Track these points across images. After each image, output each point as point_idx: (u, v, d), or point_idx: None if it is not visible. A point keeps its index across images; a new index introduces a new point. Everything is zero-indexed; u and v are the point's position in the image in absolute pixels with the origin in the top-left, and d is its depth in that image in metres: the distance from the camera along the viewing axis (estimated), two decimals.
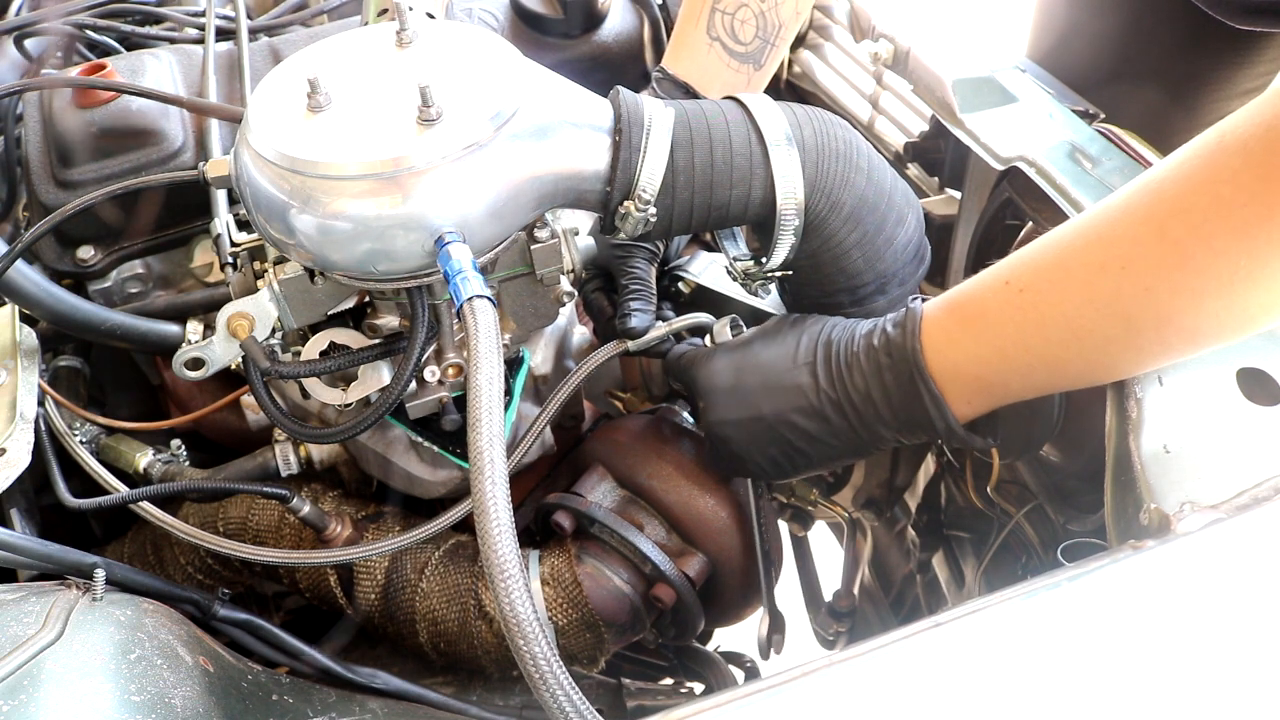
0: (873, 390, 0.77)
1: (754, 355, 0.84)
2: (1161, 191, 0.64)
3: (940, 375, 0.75)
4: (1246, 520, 0.68)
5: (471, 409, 0.61)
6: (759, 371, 0.83)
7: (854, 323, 0.82)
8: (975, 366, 0.74)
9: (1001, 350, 0.73)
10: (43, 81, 1.10)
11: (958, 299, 0.76)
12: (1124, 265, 0.65)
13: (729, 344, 0.88)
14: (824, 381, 0.80)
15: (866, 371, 0.78)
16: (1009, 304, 0.71)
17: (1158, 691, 0.59)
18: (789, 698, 0.59)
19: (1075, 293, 0.68)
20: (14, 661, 0.59)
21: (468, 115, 0.73)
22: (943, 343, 0.75)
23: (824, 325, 0.83)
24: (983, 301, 0.74)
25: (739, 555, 0.97)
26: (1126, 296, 0.66)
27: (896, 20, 1.17)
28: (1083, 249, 0.68)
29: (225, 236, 0.90)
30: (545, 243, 0.83)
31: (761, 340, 0.85)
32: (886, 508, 1.22)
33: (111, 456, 1.01)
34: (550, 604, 0.93)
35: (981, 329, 0.73)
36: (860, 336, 0.80)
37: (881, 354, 0.77)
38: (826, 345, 0.81)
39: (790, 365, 0.81)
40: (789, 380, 0.81)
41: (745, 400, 0.83)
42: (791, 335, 0.84)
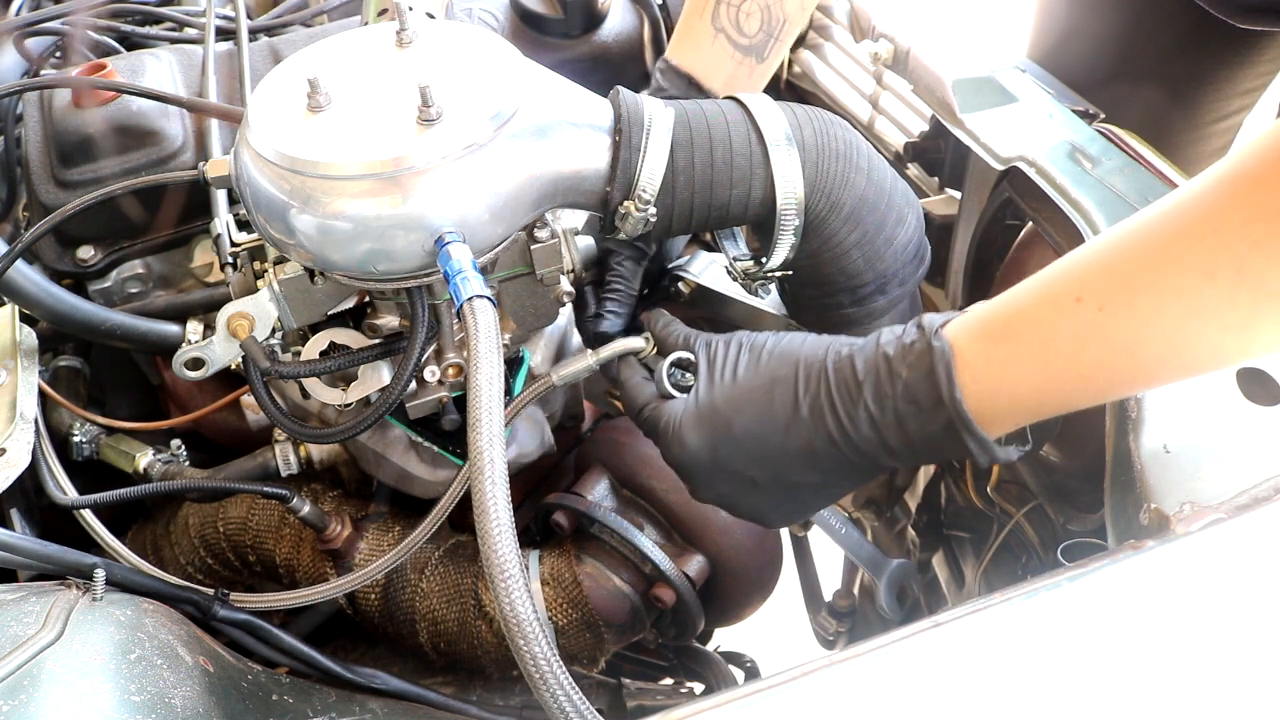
0: (889, 439, 0.69)
1: (728, 423, 0.73)
2: (1267, 182, 0.57)
3: (977, 408, 0.66)
4: (1246, 520, 0.68)
5: (471, 409, 0.61)
6: (736, 443, 0.73)
7: (846, 363, 0.71)
8: (1021, 388, 0.66)
9: (1066, 374, 0.65)
10: (43, 81, 1.10)
11: (1000, 320, 0.67)
12: (1240, 267, 0.57)
13: (695, 409, 0.75)
14: (823, 444, 0.70)
15: (882, 424, 0.68)
16: (1085, 325, 0.62)
17: (1158, 691, 0.59)
18: (789, 698, 0.59)
19: (1178, 303, 0.60)
20: (14, 661, 0.59)
21: (468, 115, 0.73)
22: (981, 371, 0.66)
23: (806, 374, 0.72)
24: (1043, 324, 0.65)
25: (738, 555, 0.97)
26: (1244, 302, 0.58)
27: (896, 20, 1.17)
28: (1181, 253, 0.59)
29: (225, 236, 0.90)
30: (545, 243, 0.83)
31: (731, 404, 0.73)
32: (886, 508, 1.22)
33: (111, 456, 1.01)
34: (550, 604, 0.93)
35: (1042, 354, 0.65)
36: (867, 384, 0.69)
37: (902, 402, 0.67)
38: (816, 400, 0.70)
39: (774, 429, 0.72)
40: (775, 446, 0.72)
41: (731, 473, 0.74)
42: (766, 390, 0.73)
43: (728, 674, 1.15)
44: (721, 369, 0.75)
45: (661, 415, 0.77)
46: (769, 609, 1.06)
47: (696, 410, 0.75)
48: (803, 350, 0.73)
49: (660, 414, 0.77)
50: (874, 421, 0.68)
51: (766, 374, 0.73)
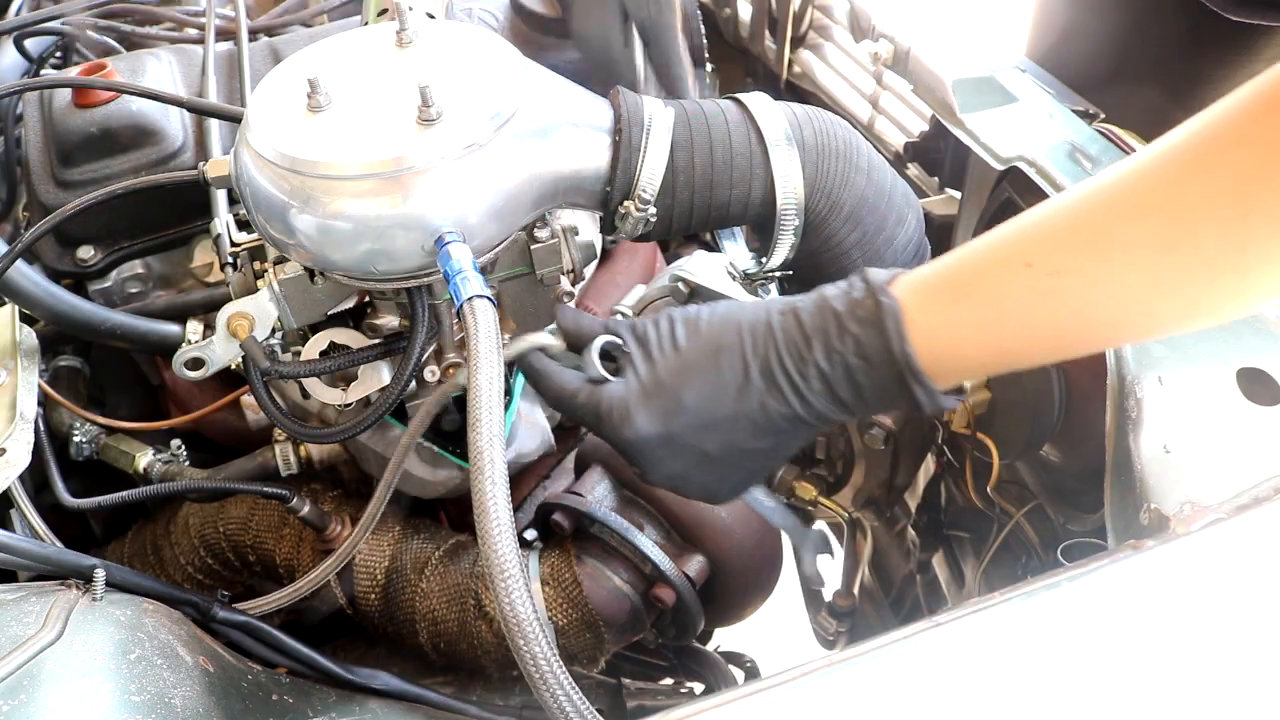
0: (840, 393, 0.69)
1: (677, 396, 0.71)
2: (1235, 157, 0.58)
3: (925, 363, 0.67)
4: (1246, 520, 0.68)
5: (471, 409, 0.61)
6: (690, 414, 0.71)
7: (792, 321, 0.70)
8: (969, 347, 0.68)
9: (1013, 336, 0.66)
10: (43, 81, 1.10)
11: (950, 280, 0.68)
12: (1196, 244, 0.58)
13: (639, 387, 0.73)
14: (776, 408, 0.70)
15: (833, 378, 0.69)
16: (1035, 290, 0.64)
17: (1158, 691, 0.59)
18: (789, 698, 0.59)
19: (1129, 274, 0.61)
20: (14, 661, 0.59)
21: (468, 115, 0.73)
22: (929, 328, 0.67)
23: (752, 336, 0.71)
24: (993, 287, 0.66)
25: (738, 555, 0.97)
26: (1198, 277, 0.59)
27: (896, 20, 1.17)
28: (1140, 227, 0.60)
29: (225, 236, 0.90)
30: (545, 243, 0.83)
31: (677, 376, 0.72)
32: (886, 508, 1.22)
33: (111, 456, 1.01)
34: (550, 604, 0.93)
35: (991, 317, 0.66)
36: (816, 341, 0.69)
37: (853, 357, 0.68)
38: (766, 361, 0.70)
39: (726, 396, 0.71)
40: (728, 412, 0.71)
41: (685, 448, 0.72)
42: (711, 358, 0.71)
43: (728, 674, 1.15)
44: (659, 345, 0.74)
45: (601, 399, 0.73)
46: (769, 609, 1.06)
47: (642, 388, 0.72)
48: (743, 314, 0.73)
49: (599, 398, 0.73)
50: (825, 376, 0.69)
51: (710, 342, 0.72)
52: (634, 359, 0.74)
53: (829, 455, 1.16)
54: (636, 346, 0.75)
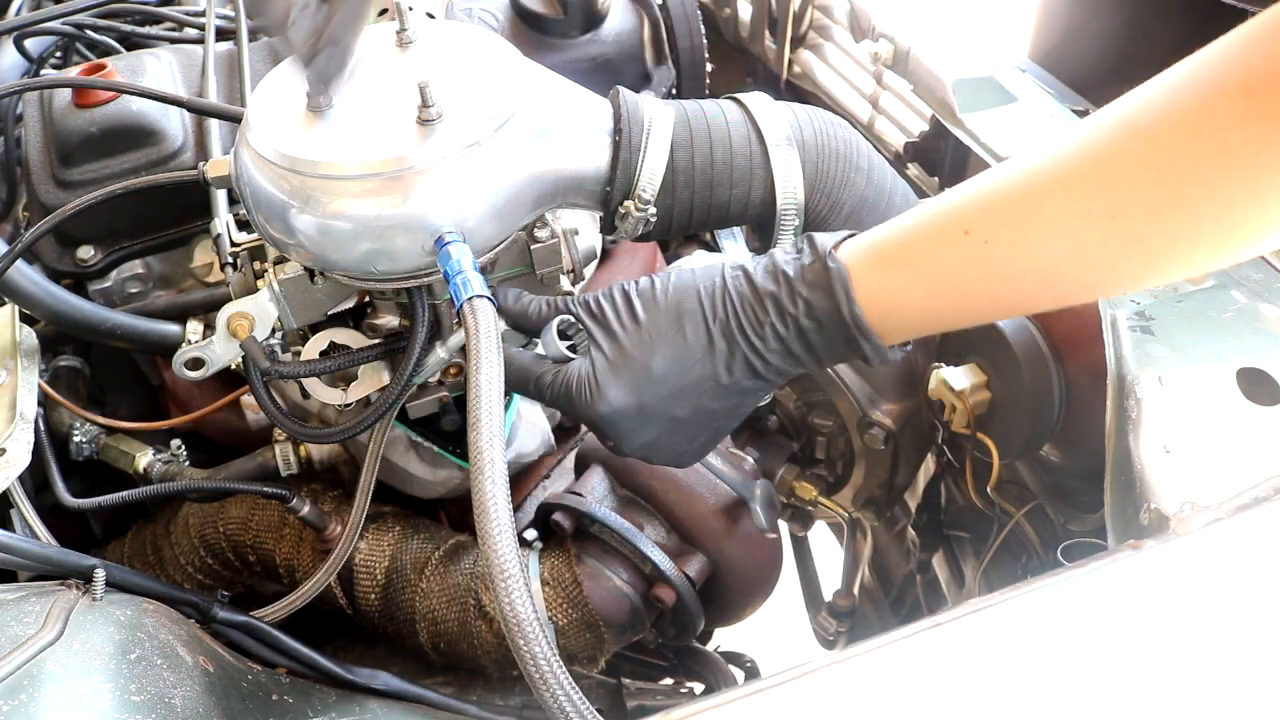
0: (795, 349, 0.73)
1: (645, 365, 0.74)
2: (1154, 136, 0.61)
3: (872, 323, 0.71)
4: (1246, 520, 0.68)
5: (471, 409, 0.61)
6: (660, 382, 0.74)
7: (746, 285, 0.74)
8: (911, 308, 0.71)
9: (952, 299, 0.70)
10: (43, 81, 1.10)
11: (892, 247, 0.71)
12: (1114, 214, 0.62)
13: (605, 362, 0.74)
14: (739, 367, 0.74)
15: (787, 337, 0.73)
16: (970, 257, 0.67)
17: (1158, 691, 0.59)
18: (789, 698, 0.59)
19: (1055, 243, 0.64)
20: (14, 661, 0.59)
21: (468, 115, 0.73)
22: (874, 293, 0.71)
23: (711, 301, 0.74)
24: (933, 253, 0.69)
25: (738, 555, 0.97)
26: (1115, 245, 0.63)
27: (896, 20, 1.17)
28: (1063, 196, 0.64)
29: (225, 236, 0.90)
30: (545, 243, 0.83)
31: (643, 346, 0.74)
32: (886, 508, 1.22)
33: (112, 456, 1.01)
34: (550, 604, 0.93)
35: (932, 281, 0.70)
36: (770, 304, 0.72)
37: (805, 318, 0.72)
38: (726, 324, 0.73)
39: (693, 360, 0.74)
40: (695, 376, 0.74)
41: (656, 416, 0.75)
42: (674, 325, 0.74)
43: (728, 674, 1.15)
44: (617, 318, 0.76)
45: (570, 379, 0.75)
46: (769, 609, 1.06)
47: (608, 362, 0.74)
48: (698, 280, 0.75)
49: (567, 378, 0.75)
50: (780, 336, 0.72)
51: (670, 310, 0.75)
52: (595, 335, 0.76)
53: (829, 455, 1.16)
54: (593, 323, 0.76)
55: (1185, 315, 0.82)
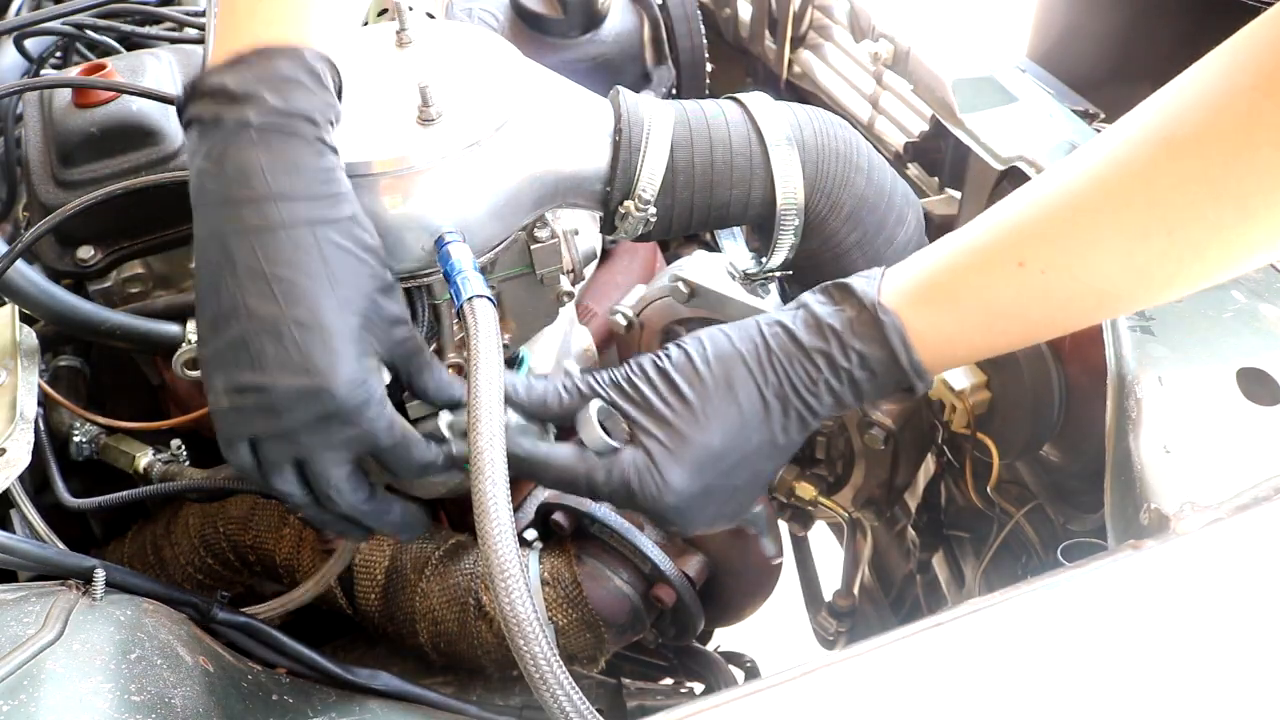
0: (847, 399, 0.72)
1: (706, 446, 0.71)
2: (1206, 147, 0.59)
3: (925, 363, 0.71)
4: (1246, 520, 0.68)
5: (471, 409, 0.61)
6: (721, 458, 0.71)
7: (791, 346, 0.72)
8: (964, 344, 0.72)
9: (1007, 332, 0.71)
10: (43, 81, 1.10)
11: (941, 285, 0.70)
12: (1171, 230, 0.61)
13: (663, 448, 0.70)
14: (794, 426, 0.73)
15: (840, 391, 0.72)
16: (1027, 288, 0.67)
17: (1157, 691, 0.59)
18: (789, 698, 0.59)
19: (1113, 264, 0.64)
20: (14, 661, 0.59)
21: (468, 115, 0.73)
22: (928, 336, 0.70)
23: (759, 367, 0.72)
24: (986, 288, 0.68)
25: (739, 555, 0.97)
26: (1173, 259, 0.62)
27: (896, 20, 1.17)
28: (1116, 218, 0.63)
29: None
30: (545, 242, 0.83)
31: (700, 426, 0.71)
32: (886, 508, 1.22)
33: (111, 456, 1.01)
34: (550, 604, 0.93)
35: (987, 316, 0.69)
36: (821, 361, 0.71)
37: (859, 370, 0.71)
38: (780, 388, 0.71)
39: (751, 429, 0.72)
40: (755, 444, 0.72)
41: (720, 491, 0.73)
42: (726, 397, 0.71)
43: (728, 674, 1.15)
44: (662, 400, 0.72)
45: (627, 472, 0.70)
46: (769, 609, 1.06)
47: (667, 449, 0.70)
48: (738, 345, 0.73)
49: (623, 472, 0.70)
50: (834, 391, 0.72)
51: (719, 382, 0.71)
52: (640, 421, 0.72)
53: (829, 455, 1.15)
54: (634, 408, 0.72)
55: (1185, 315, 0.82)
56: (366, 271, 0.67)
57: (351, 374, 0.65)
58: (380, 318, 0.68)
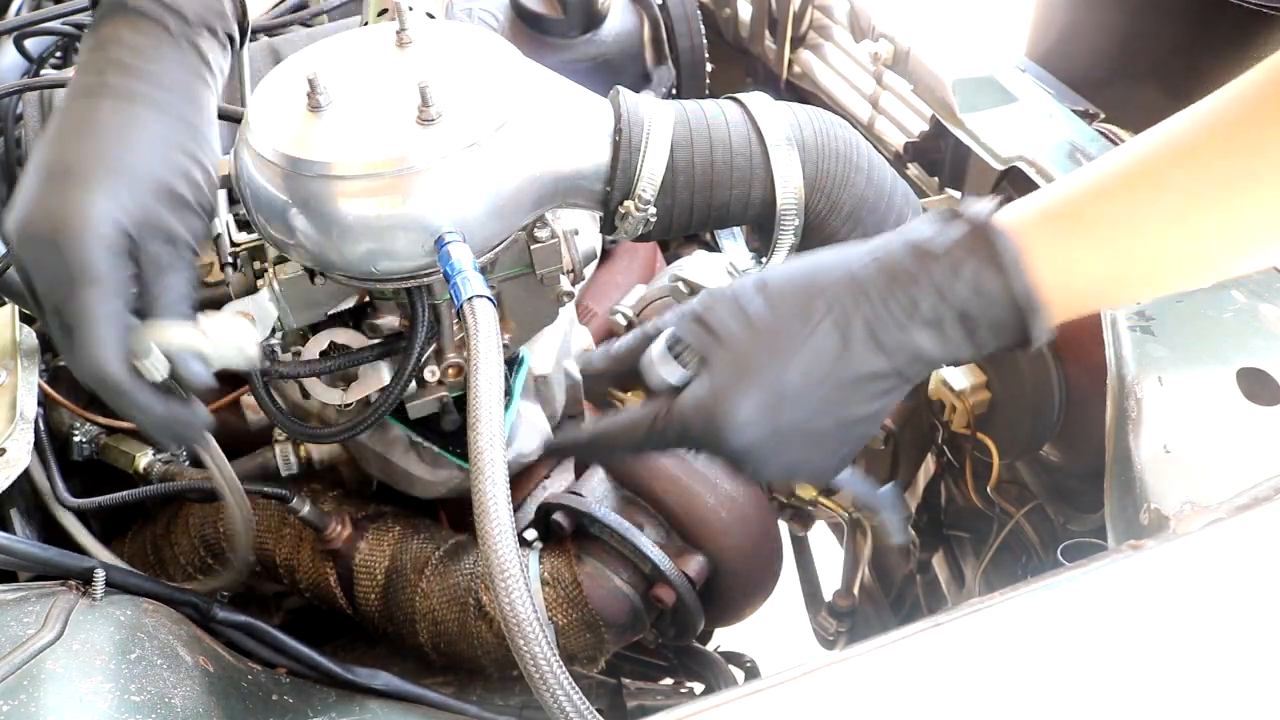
0: (952, 336, 0.63)
1: (780, 380, 0.63)
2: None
3: (1046, 296, 0.62)
4: (1246, 520, 0.68)
5: (471, 409, 0.61)
6: (796, 395, 0.64)
7: (887, 273, 0.64)
8: (1094, 279, 0.63)
9: (1144, 266, 0.62)
10: (43, 81, 1.10)
11: (1071, 209, 0.63)
12: None
13: (728, 381, 0.64)
14: (883, 363, 0.63)
15: (943, 328, 0.63)
16: (1170, 214, 0.60)
17: (1157, 691, 0.59)
18: (789, 698, 0.59)
19: (1274, 195, 0.58)
20: (14, 661, 0.59)
21: (467, 115, 0.73)
22: (1049, 263, 0.62)
23: (842, 296, 0.64)
24: (1126, 214, 0.61)
25: (738, 555, 0.97)
26: None
27: (896, 20, 1.17)
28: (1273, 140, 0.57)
29: (225, 236, 0.90)
30: (545, 242, 0.83)
31: (771, 357, 0.64)
32: None
33: (111, 456, 1.01)
34: (550, 604, 0.93)
35: (1120, 246, 0.61)
36: (922, 289, 0.63)
37: (963, 302, 0.62)
38: (868, 319, 0.63)
39: (832, 363, 0.64)
40: (835, 382, 0.64)
41: (795, 433, 0.65)
42: (804, 325, 0.64)
43: (728, 674, 1.15)
44: (730, 330, 0.65)
45: (686, 410, 0.64)
46: (769, 609, 1.06)
47: (733, 381, 0.63)
48: (821, 275, 0.65)
49: (682, 411, 0.65)
50: (934, 327, 0.63)
51: (795, 309, 0.64)
52: (706, 352, 0.65)
53: None
54: (699, 337, 0.66)
55: (1185, 315, 0.82)
56: (158, 156, 0.69)
57: (94, 231, 0.65)
58: (164, 201, 0.69)
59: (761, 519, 0.98)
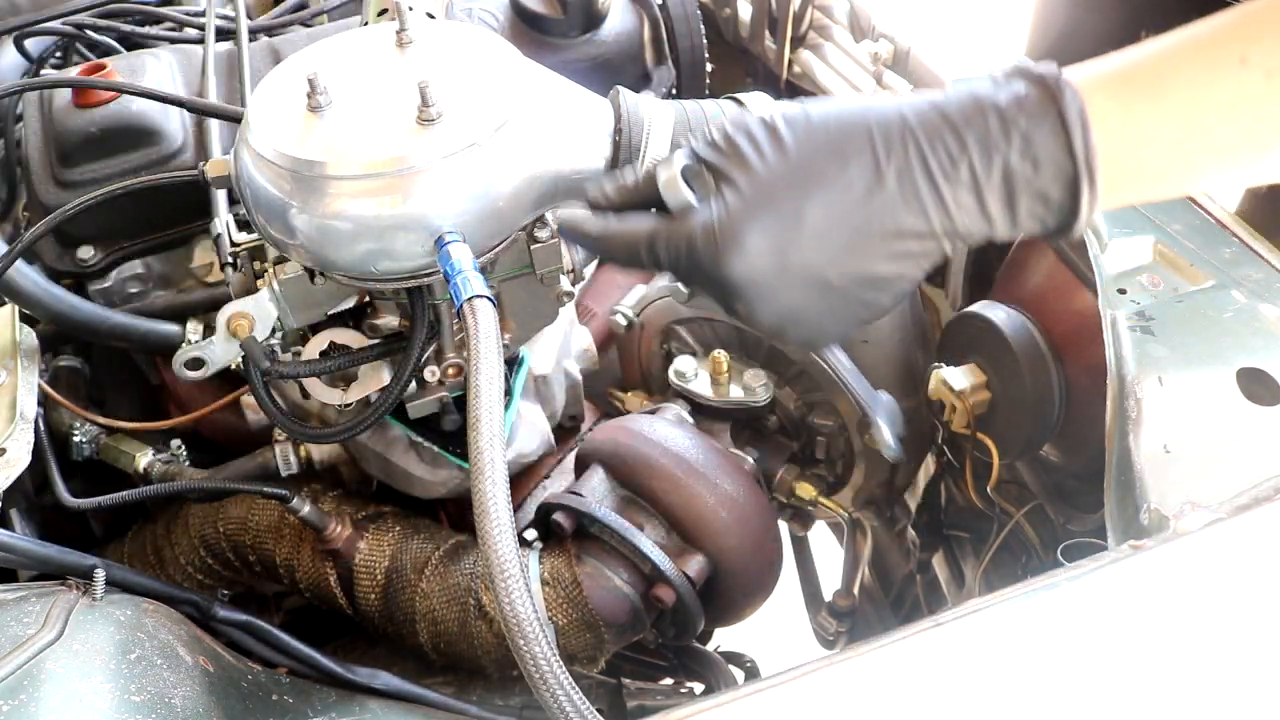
0: (990, 202, 0.59)
1: (798, 210, 0.58)
2: None
3: (1106, 166, 0.58)
4: (1246, 520, 0.68)
5: (471, 409, 0.61)
6: (814, 235, 0.58)
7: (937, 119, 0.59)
8: (1158, 149, 0.59)
9: (1210, 140, 0.58)
10: (43, 81, 1.10)
11: (1146, 72, 0.59)
12: None
13: (741, 203, 0.59)
14: (912, 219, 0.58)
15: (986, 185, 0.58)
16: (1245, 88, 0.56)
17: (1157, 691, 0.59)
18: (789, 698, 0.59)
19: None
20: (14, 661, 0.59)
21: (467, 115, 0.73)
22: (1114, 125, 0.58)
23: (885, 136, 0.59)
24: (1201, 81, 0.57)
25: (738, 555, 0.97)
26: None
27: (896, 20, 1.17)
28: None
29: (225, 236, 0.90)
30: (545, 243, 0.83)
31: (793, 185, 0.59)
32: (886, 508, 1.22)
33: (111, 456, 1.01)
34: (550, 604, 0.93)
35: (1190, 115, 0.57)
36: (971, 138, 0.58)
37: (1017, 158, 0.57)
38: (905, 164, 0.58)
39: (856, 205, 0.58)
40: (856, 226, 0.59)
41: (801, 276, 0.60)
42: (835, 160, 0.59)
43: (728, 674, 1.15)
44: (756, 150, 0.60)
45: (693, 228, 0.60)
46: (769, 609, 1.06)
47: (745, 204, 0.59)
48: (869, 111, 0.60)
49: (689, 229, 0.60)
50: (977, 182, 0.58)
51: (829, 144, 0.59)
52: (726, 171, 0.60)
53: (829, 455, 1.16)
54: (724, 158, 0.61)
55: (1185, 315, 0.82)
56: None
57: None
58: None
59: (762, 519, 0.98)
